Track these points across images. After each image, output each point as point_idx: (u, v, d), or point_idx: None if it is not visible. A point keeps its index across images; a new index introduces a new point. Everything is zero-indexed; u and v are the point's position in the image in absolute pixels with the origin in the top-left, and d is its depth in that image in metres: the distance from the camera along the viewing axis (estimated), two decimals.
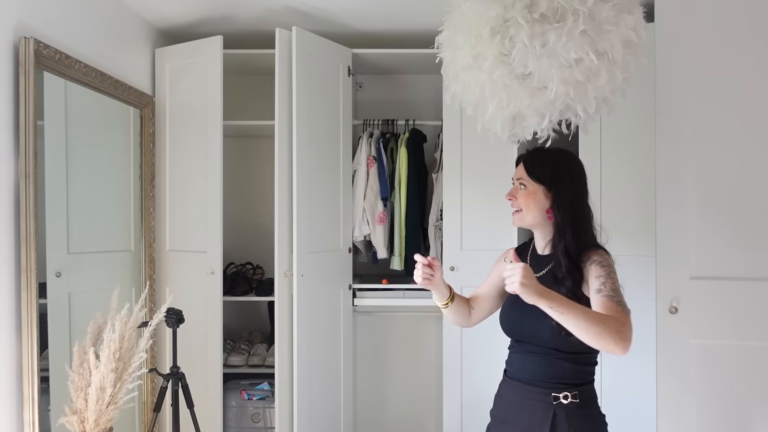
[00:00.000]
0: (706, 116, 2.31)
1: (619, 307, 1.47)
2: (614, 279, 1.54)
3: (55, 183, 2.26)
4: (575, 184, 1.67)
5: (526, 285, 1.37)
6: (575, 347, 1.52)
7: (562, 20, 1.45)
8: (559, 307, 1.40)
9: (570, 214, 1.63)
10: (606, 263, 1.57)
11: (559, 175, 1.65)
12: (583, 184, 1.70)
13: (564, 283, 1.58)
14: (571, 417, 1.56)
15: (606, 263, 1.57)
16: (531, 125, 1.64)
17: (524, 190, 1.68)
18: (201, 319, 2.87)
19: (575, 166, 1.71)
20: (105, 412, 1.94)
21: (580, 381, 1.58)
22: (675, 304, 2.30)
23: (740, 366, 2.26)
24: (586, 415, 1.58)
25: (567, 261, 1.60)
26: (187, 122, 2.96)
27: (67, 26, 2.29)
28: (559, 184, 1.64)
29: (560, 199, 1.64)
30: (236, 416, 3.14)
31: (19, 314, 1.97)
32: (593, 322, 1.40)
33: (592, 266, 1.57)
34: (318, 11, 2.84)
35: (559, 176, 1.65)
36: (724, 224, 2.29)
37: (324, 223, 2.96)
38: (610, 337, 1.38)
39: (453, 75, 1.72)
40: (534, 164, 1.68)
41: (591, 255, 1.59)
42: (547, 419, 1.56)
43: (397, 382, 3.41)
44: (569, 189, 1.65)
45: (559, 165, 1.67)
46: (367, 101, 3.62)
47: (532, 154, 1.71)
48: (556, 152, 1.71)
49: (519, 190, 1.69)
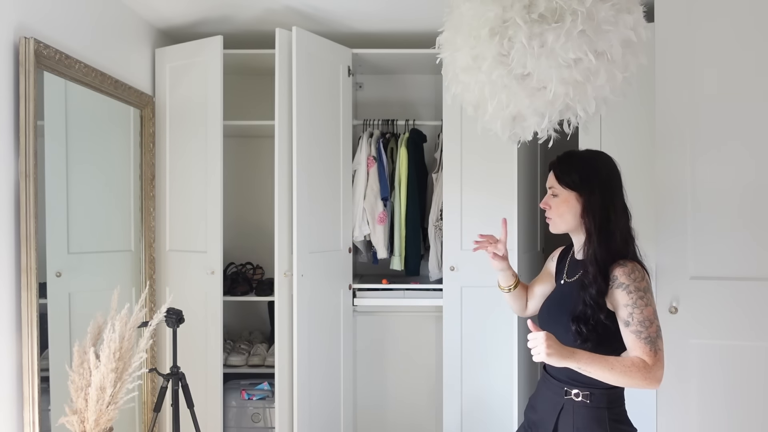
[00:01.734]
0: (706, 116, 2.31)
1: (647, 346, 1.47)
2: (643, 305, 1.50)
3: (55, 183, 2.26)
4: (605, 187, 1.62)
5: (550, 354, 1.43)
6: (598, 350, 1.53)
7: (561, 20, 1.45)
8: (587, 367, 1.46)
9: (600, 220, 1.59)
10: (634, 287, 1.51)
11: (588, 179, 1.61)
12: (616, 187, 1.64)
13: (588, 291, 1.56)
14: (577, 414, 1.58)
15: (634, 287, 1.51)
16: (531, 125, 1.63)
17: (556, 199, 1.66)
18: (201, 319, 2.88)
19: (605, 168, 1.65)
20: (105, 412, 1.95)
21: (593, 384, 1.55)
22: (675, 304, 2.30)
23: (740, 366, 2.26)
24: (593, 416, 1.58)
25: (593, 269, 1.57)
26: (187, 122, 2.96)
27: (67, 26, 2.29)
28: (588, 189, 1.61)
29: (590, 205, 1.60)
30: (236, 416, 3.14)
31: (19, 314, 1.97)
32: (619, 374, 1.45)
33: (618, 291, 1.53)
34: (318, 11, 2.84)
35: (587, 181, 1.61)
36: (724, 224, 2.29)
37: (324, 223, 2.96)
38: (638, 383, 1.46)
39: (453, 75, 1.72)
40: (562, 170, 1.65)
41: (618, 272, 1.54)
42: (556, 411, 1.61)
43: (397, 382, 3.41)
44: (598, 194, 1.60)
45: (587, 169, 1.63)
46: (367, 101, 3.62)
47: (560, 160, 1.68)
48: (585, 155, 1.68)
49: (551, 198, 1.67)
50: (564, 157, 1.68)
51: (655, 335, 1.49)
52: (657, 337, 1.49)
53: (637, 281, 1.52)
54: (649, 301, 1.52)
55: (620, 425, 1.60)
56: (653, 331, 1.48)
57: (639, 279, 1.53)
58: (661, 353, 1.48)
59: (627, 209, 1.65)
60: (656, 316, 1.51)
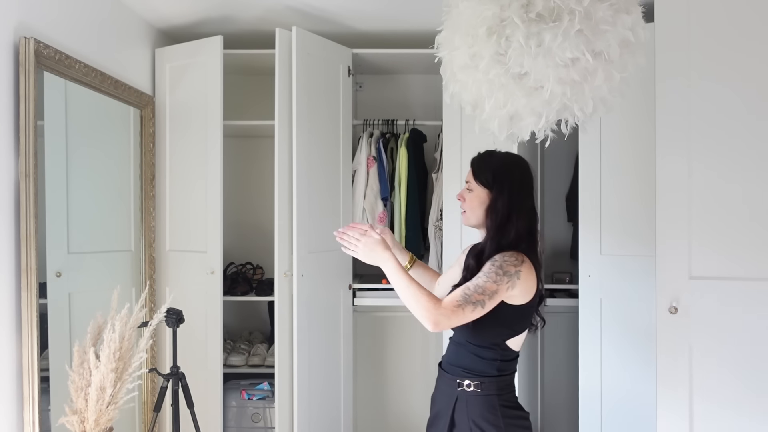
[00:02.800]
0: (706, 116, 2.30)
1: (459, 299, 1.55)
2: (491, 280, 1.57)
3: (55, 183, 2.26)
4: (514, 191, 1.69)
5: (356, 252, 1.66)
6: (479, 340, 1.67)
7: (558, 20, 1.45)
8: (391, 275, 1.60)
9: (500, 219, 1.67)
10: (499, 264, 1.60)
11: (500, 180, 1.70)
12: (526, 192, 1.72)
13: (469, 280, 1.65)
14: (470, 403, 1.67)
15: (499, 264, 1.60)
16: (528, 125, 1.64)
17: (470, 193, 1.75)
18: (201, 319, 2.88)
19: (518, 173, 1.73)
20: (105, 412, 1.95)
21: (482, 373, 1.67)
22: (675, 304, 2.30)
23: (740, 366, 2.26)
24: (485, 403, 1.66)
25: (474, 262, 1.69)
26: (187, 122, 2.96)
27: (67, 26, 2.30)
28: (498, 189, 1.69)
29: (496, 204, 1.69)
30: (236, 416, 3.14)
31: (19, 314, 1.98)
32: (412, 294, 1.56)
33: (487, 263, 1.62)
34: (318, 11, 2.84)
35: (499, 182, 1.69)
36: (724, 224, 2.28)
37: (324, 223, 2.96)
38: (419, 312, 1.55)
39: (451, 75, 1.72)
40: (479, 168, 1.74)
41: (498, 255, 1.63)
42: (451, 402, 1.71)
43: (397, 382, 3.41)
44: (506, 195, 1.68)
45: (502, 171, 1.71)
46: (367, 101, 3.62)
47: (480, 157, 1.77)
48: (503, 157, 1.77)
49: (466, 192, 1.76)
50: (484, 155, 1.77)
51: (473, 301, 1.55)
52: (472, 303, 1.54)
53: (507, 263, 1.60)
54: (499, 283, 1.57)
55: (511, 410, 1.69)
56: (475, 297, 1.55)
57: (509, 263, 1.60)
58: (459, 312, 1.54)
59: (533, 214, 1.72)
60: (491, 297, 1.56)
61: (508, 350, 1.69)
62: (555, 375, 3.38)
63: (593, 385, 2.81)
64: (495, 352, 1.68)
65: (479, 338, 1.66)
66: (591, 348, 2.81)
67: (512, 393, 1.73)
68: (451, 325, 1.57)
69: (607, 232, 2.80)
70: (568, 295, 3.30)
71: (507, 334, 1.67)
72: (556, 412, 3.38)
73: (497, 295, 1.58)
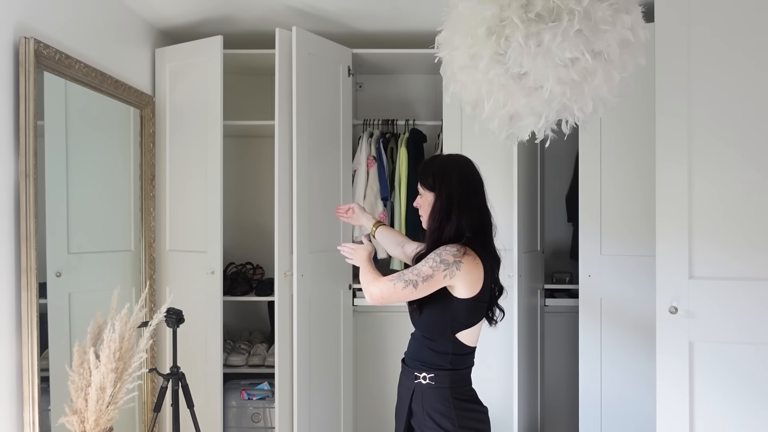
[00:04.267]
0: (706, 116, 2.30)
1: (391, 276, 1.70)
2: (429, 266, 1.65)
3: (55, 183, 2.26)
4: (455, 190, 1.72)
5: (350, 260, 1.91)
6: (432, 333, 1.75)
7: (558, 20, 1.45)
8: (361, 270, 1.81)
9: (439, 218, 1.72)
10: (439, 253, 1.66)
11: (440, 182, 1.74)
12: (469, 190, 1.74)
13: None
14: (425, 395, 1.75)
15: (439, 253, 1.66)
16: (528, 125, 1.64)
17: (422, 198, 1.81)
18: (201, 319, 2.88)
19: (458, 170, 1.76)
20: (105, 412, 1.95)
21: (436, 366, 1.73)
22: (675, 304, 2.30)
23: (740, 366, 2.26)
24: (438, 395, 1.73)
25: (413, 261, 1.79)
26: (187, 122, 2.96)
27: (67, 26, 2.30)
28: (438, 190, 1.74)
29: (437, 204, 1.74)
30: (236, 416, 3.14)
31: (19, 314, 1.98)
32: (363, 275, 1.79)
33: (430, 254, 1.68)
34: (318, 11, 2.84)
35: (439, 184, 1.74)
36: (725, 224, 2.28)
37: (324, 223, 2.96)
38: (363, 287, 1.77)
39: (451, 75, 1.72)
40: (422, 173, 1.80)
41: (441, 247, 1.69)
42: (409, 394, 1.79)
43: (397, 382, 3.40)
44: (445, 195, 1.72)
45: (441, 173, 1.75)
46: (367, 101, 3.62)
47: (423, 163, 1.85)
48: (444, 159, 1.84)
49: (420, 198, 1.82)
50: (428, 160, 1.86)
51: (406, 279, 1.66)
52: (404, 281, 1.66)
53: (446, 253, 1.66)
54: (435, 269, 1.64)
55: (464, 403, 1.75)
56: (408, 276, 1.66)
57: (449, 253, 1.66)
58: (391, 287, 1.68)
59: (483, 210, 1.76)
60: (425, 280, 1.65)
61: (461, 344, 1.74)
62: (555, 375, 3.38)
63: (593, 385, 2.81)
64: (448, 346, 1.73)
65: (431, 331, 1.75)
66: (591, 348, 2.81)
67: (468, 386, 1.79)
68: (383, 298, 1.70)
69: (607, 232, 2.80)
70: (568, 295, 3.30)
71: (456, 327, 1.72)
72: (556, 412, 3.38)
73: (432, 280, 1.64)
